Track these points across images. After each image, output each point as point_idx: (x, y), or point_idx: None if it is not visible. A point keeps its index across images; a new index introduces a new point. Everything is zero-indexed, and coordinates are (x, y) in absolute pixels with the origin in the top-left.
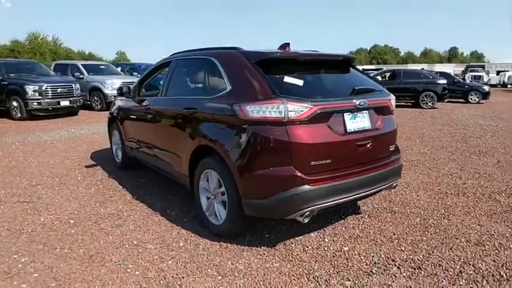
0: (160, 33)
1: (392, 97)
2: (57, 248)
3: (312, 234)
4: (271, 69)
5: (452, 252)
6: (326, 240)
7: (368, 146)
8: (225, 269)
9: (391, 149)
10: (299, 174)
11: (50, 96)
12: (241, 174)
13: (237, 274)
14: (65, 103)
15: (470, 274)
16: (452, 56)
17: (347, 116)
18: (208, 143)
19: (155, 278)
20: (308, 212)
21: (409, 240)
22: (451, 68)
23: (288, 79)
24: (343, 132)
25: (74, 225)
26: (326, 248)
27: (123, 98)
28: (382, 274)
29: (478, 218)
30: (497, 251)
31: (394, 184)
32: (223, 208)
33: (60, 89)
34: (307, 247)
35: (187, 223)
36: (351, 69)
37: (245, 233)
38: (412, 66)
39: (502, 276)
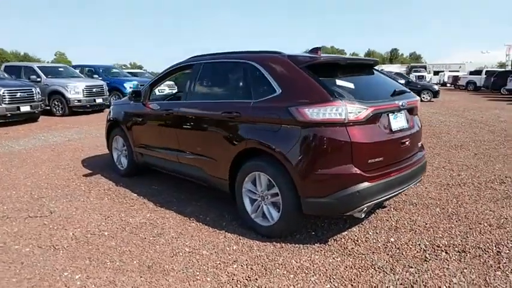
0: (101, 35)
1: (418, 98)
2: (106, 262)
3: (354, 228)
4: (319, 72)
5: (483, 235)
6: (370, 233)
7: (407, 143)
8: (292, 267)
9: (419, 146)
10: (359, 172)
11: (7, 101)
12: (301, 174)
13: (306, 271)
14: (25, 108)
15: (508, 253)
16: (394, 57)
17: (391, 116)
18: (258, 145)
19: (230, 282)
20: (366, 208)
21: (441, 228)
22: (397, 69)
23: (339, 82)
24: (389, 132)
25: (110, 237)
26: (374, 241)
27: (130, 102)
28: (436, 259)
29: (486, 204)
30: None
31: (421, 178)
32: (274, 209)
33: (19, 94)
34: (357, 241)
35: (229, 226)
36: (375, 71)
37: (293, 232)
38: None
39: None
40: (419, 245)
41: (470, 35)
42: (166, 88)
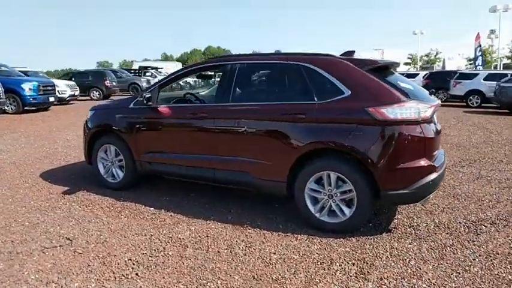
0: None
1: None
2: (206, 283)
3: (398, 216)
4: (378, 75)
5: (494, 209)
6: (415, 218)
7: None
8: (386, 256)
9: None
10: (431, 163)
11: None
12: (383, 169)
13: (401, 258)
14: None
15: None
16: None
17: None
18: (330, 145)
19: (351, 280)
20: (432, 195)
21: (460, 207)
22: None
23: (401, 84)
24: (435, 128)
25: (180, 257)
26: (425, 224)
27: (129, 105)
28: (483, 232)
29: (471, 184)
30: None
31: None
32: (345, 205)
33: None
34: (413, 226)
35: (288, 228)
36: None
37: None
38: None
39: None
40: (459, 222)
41: (340, 38)
42: (68, 89)
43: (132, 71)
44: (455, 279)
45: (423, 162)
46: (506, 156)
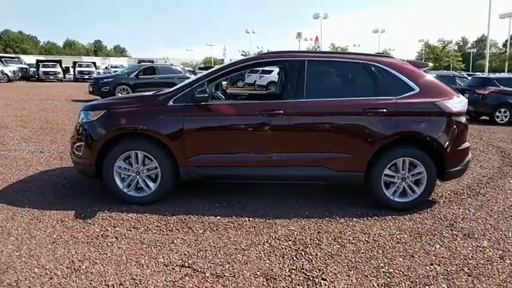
0: None
1: None
2: (388, 269)
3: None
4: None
5: (464, 179)
6: (435, 190)
7: None
8: (460, 219)
9: None
10: (469, 145)
11: None
12: (450, 151)
13: (470, 218)
14: None
15: None
16: (98, 49)
17: None
18: (410, 135)
19: (466, 241)
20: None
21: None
22: (126, 62)
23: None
24: None
25: (329, 255)
26: (448, 193)
27: (168, 103)
28: (485, 194)
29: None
30: None
31: None
32: (415, 186)
33: None
34: (443, 196)
35: (369, 213)
36: None
37: None
38: (85, 59)
39: None
40: (462, 189)
41: (174, 32)
42: None
43: None
44: None
45: (467, 144)
46: None
